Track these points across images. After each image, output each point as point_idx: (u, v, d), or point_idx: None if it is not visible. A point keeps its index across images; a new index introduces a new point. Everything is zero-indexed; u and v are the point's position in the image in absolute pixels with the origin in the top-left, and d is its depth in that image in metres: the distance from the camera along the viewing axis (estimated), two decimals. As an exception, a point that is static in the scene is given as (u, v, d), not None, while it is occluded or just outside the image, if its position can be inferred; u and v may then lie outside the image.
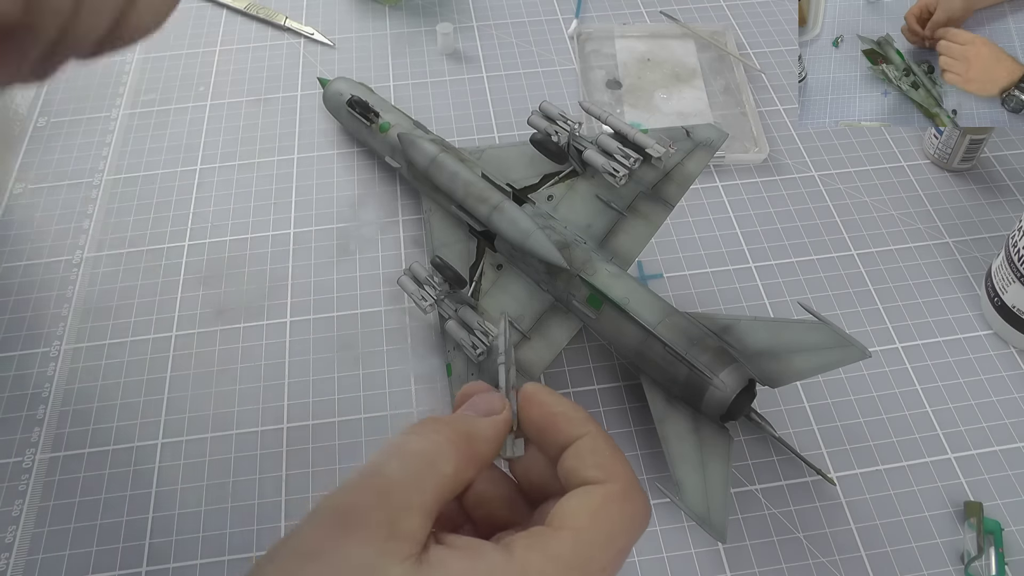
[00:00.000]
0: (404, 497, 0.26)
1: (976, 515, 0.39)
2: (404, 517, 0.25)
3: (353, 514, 0.25)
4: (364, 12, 0.67)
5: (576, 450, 0.29)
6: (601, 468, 0.29)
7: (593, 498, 0.28)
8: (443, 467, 0.27)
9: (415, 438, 0.28)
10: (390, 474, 0.26)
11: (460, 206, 0.46)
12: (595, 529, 0.27)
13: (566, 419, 0.30)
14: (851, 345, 0.36)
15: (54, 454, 0.42)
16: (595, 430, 0.30)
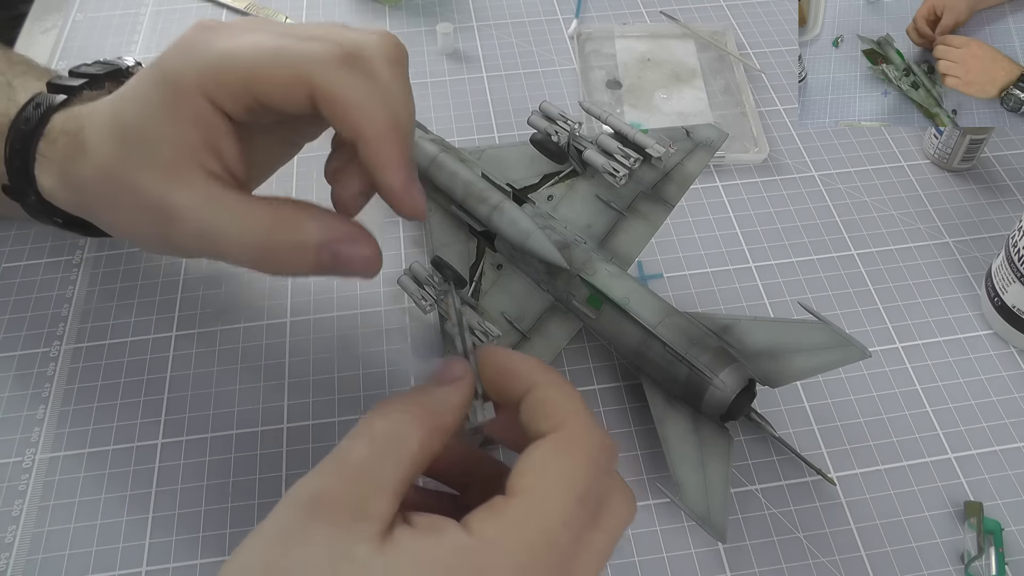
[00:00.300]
0: (370, 479, 0.26)
1: (976, 515, 0.39)
2: (371, 498, 0.26)
3: (321, 498, 0.26)
4: (364, 12, 0.67)
5: (527, 405, 0.29)
6: (547, 417, 0.28)
7: (539, 453, 0.27)
8: (409, 444, 0.27)
9: (379, 419, 0.28)
10: (356, 457, 0.27)
11: (460, 206, 0.46)
12: (545, 487, 0.26)
13: (516, 375, 0.30)
14: (851, 345, 0.36)
15: (54, 454, 0.42)
16: (544, 380, 0.29)
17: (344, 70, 0.31)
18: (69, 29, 0.67)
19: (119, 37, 0.66)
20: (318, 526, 0.25)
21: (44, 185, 0.38)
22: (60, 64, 0.63)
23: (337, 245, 0.33)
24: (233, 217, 0.33)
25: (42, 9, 0.69)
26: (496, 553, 0.25)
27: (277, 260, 0.33)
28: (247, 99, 0.32)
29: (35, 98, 0.39)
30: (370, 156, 0.31)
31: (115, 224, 0.37)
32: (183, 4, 0.69)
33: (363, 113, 0.31)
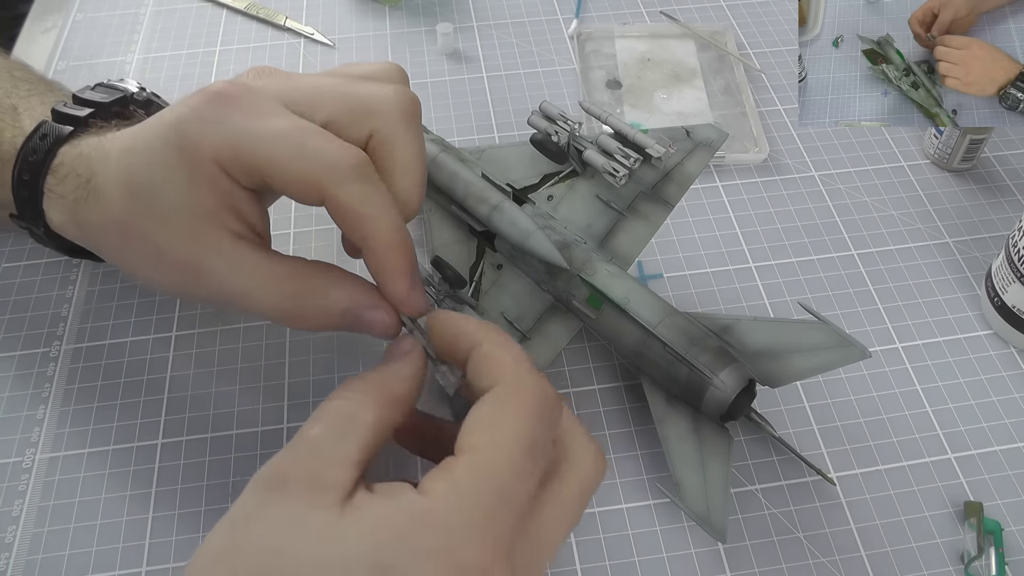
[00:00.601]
0: (325, 454, 0.27)
1: (976, 515, 0.39)
2: (327, 470, 0.26)
3: (278, 476, 0.27)
4: (364, 12, 0.67)
5: (471, 365, 0.30)
6: (489, 373, 0.29)
7: (483, 409, 0.28)
8: (363, 418, 0.28)
9: (335, 400, 0.29)
10: (311, 437, 0.28)
11: (460, 206, 0.46)
12: (490, 441, 0.27)
13: (462, 336, 0.31)
14: (851, 345, 0.36)
15: (54, 454, 0.42)
16: (485, 338, 0.30)
17: (357, 184, 0.32)
18: (69, 29, 0.67)
19: (119, 37, 0.66)
20: (275, 501, 0.26)
21: (53, 219, 0.38)
22: (60, 64, 0.63)
23: (360, 311, 0.34)
24: (259, 281, 0.34)
25: (42, 9, 0.69)
26: (449, 511, 0.25)
27: (303, 322, 0.34)
28: (260, 182, 0.33)
29: (41, 127, 0.39)
30: (375, 264, 0.33)
31: (132, 269, 0.38)
32: (183, 4, 0.69)
33: (372, 224, 0.32)
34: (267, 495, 0.27)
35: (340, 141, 0.32)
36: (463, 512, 0.25)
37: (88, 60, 0.64)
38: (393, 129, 0.34)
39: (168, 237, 0.34)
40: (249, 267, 0.33)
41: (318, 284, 0.34)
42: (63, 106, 0.41)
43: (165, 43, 0.65)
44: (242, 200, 0.33)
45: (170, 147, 0.33)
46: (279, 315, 0.34)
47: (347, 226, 0.32)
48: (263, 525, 0.26)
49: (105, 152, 0.37)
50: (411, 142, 0.34)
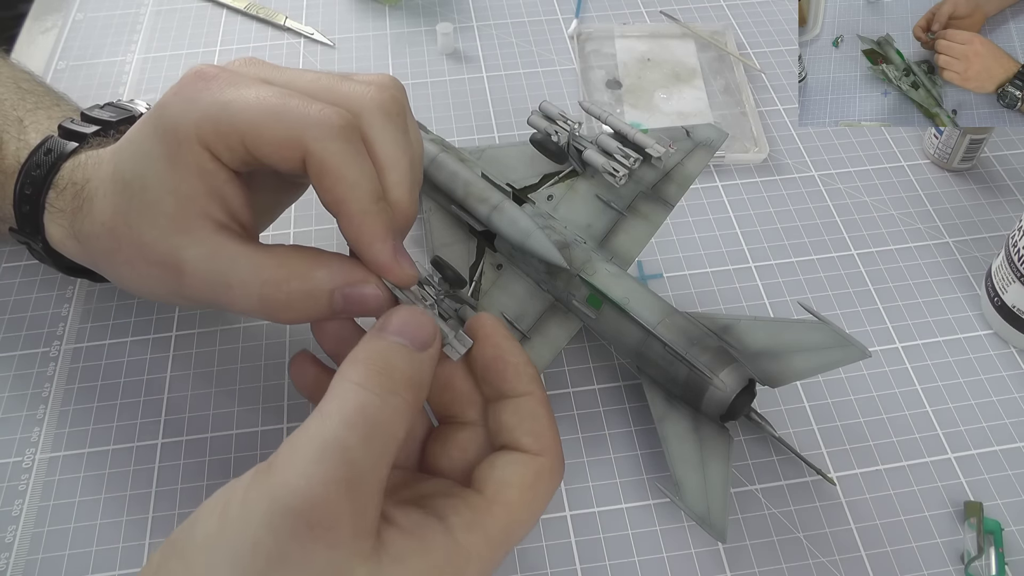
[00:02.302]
0: (369, 486, 0.25)
1: (976, 515, 0.39)
2: (368, 509, 0.25)
3: (322, 513, 0.23)
4: (364, 12, 0.67)
5: (516, 408, 0.30)
6: (536, 437, 0.29)
7: (527, 472, 0.29)
8: (399, 433, 0.27)
9: (375, 403, 0.26)
10: (356, 458, 0.25)
11: (460, 206, 0.46)
12: (525, 504, 0.28)
13: (516, 371, 0.30)
14: (851, 345, 0.36)
15: (54, 454, 0.42)
16: (539, 393, 0.30)
17: (339, 142, 0.31)
18: (69, 29, 0.67)
19: (119, 37, 0.66)
20: (318, 548, 0.23)
21: (52, 235, 0.38)
22: (60, 64, 0.63)
23: (348, 289, 0.32)
24: (239, 269, 0.32)
25: (42, 9, 0.69)
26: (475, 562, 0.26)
27: (289, 309, 0.33)
28: (243, 153, 0.32)
29: (46, 143, 0.39)
30: (353, 230, 0.31)
31: (124, 280, 0.37)
32: (183, 4, 0.69)
33: (348, 187, 0.31)
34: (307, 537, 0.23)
35: (323, 103, 0.31)
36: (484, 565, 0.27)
37: (88, 60, 0.64)
38: (373, 127, 0.32)
39: (151, 229, 0.33)
40: (229, 257, 0.32)
41: (299, 267, 0.32)
42: (70, 122, 0.41)
43: (165, 43, 0.65)
44: (225, 183, 0.33)
45: (154, 135, 0.33)
46: (263, 306, 0.33)
47: (324, 188, 0.31)
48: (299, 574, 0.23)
49: (100, 158, 0.37)
50: (391, 139, 0.33)
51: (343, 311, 0.33)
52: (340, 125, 0.31)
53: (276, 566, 0.23)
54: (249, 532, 0.23)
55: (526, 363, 0.31)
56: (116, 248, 0.35)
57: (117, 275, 0.37)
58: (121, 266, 0.36)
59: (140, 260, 0.34)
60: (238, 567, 0.23)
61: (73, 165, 0.38)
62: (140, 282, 0.36)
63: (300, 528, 0.23)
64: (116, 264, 0.36)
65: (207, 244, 0.32)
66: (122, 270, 0.36)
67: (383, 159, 0.32)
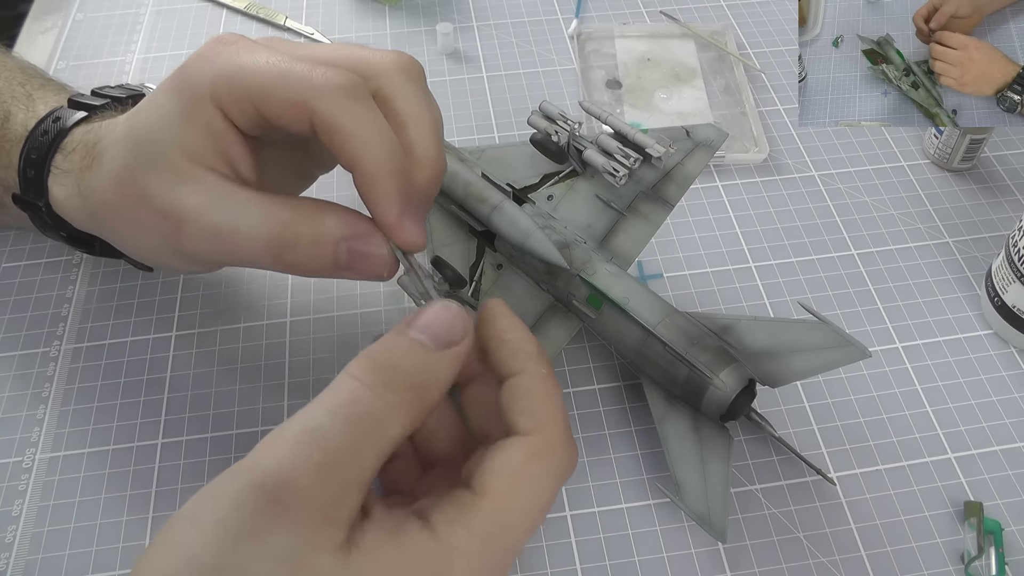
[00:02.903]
0: (345, 473, 0.24)
1: (976, 515, 0.39)
2: (341, 498, 0.24)
3: (291, 492, 0.23)
4: (364, 12, 0.67)
5: (511, 388, 0.28)
6: (529, 415, 0.27)
7: (515, 456, 0.26)
8: (390, 431, 0.25)
9: (367, 396, 0.25)
10: (334, 442, 0.24)
11: (460, 206, 0.46)
12: (517, 494, 0.25)
13: (510, 349, 0.28)
14: (851, 345, 0.36)
15: (54, 454, 0.42)
16: (533, 369, 0.28)
17: (345, 99, 0.30)
18: (69, 29, 0.67)
19: (119, 37, 0.66)
20: (282, 523, 0.23)
21: (56, 196, 0.38)
22: (60, 64, 0.63)
23: (355, 242, 0.32)
24: (248, 212, 0.32)
25: (42, 9, 0.69)
26: (458, 559, 0.24)
27: (296, 254, 0.32)
28: (254, 114, 0.32)
29: (56, 111, 0.40)
30: (364, 188, 0.31)
31: (124, 236, 0.37)
32: (183, 4, 0.69)
33: (359, 144, 0.30)
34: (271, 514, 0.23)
35: (331, 66, 0.31)
36: (473, 564, 0.24)
37: (88, 60, 0.64)
38: (394, 85, 0.33)
39: (156, 179, 0.33)
40: (238, 201, 0.32)
41: (312, 211, 0.32)
42: (80, 96, 0.41)
43: (165, 43, 0.65)
44: (233, 144, 0.33)
45: (172, 92, 0.34)
46: (269, 249, 0.32)
47: (336, 148, 0.31)
48: (264, 555, 0.22)
49: (114, 122, 0.37)
50: (415, 96, 0.33)
51: (347, 266, 0.32)
52: (343, 84, 0.31)
53: (239, 541, 0.22)
54: (217, 508, 0.23)
55: (523, 340, 0.29)
56: (119, 201, 0.35)
57: (116, 232, 0.37)
58: (122, 221, 0.36)
59: (143, 210, 0.34)
60: (203, 541, 0.23)
61: (85, 130, 0.38)
62: (139, 239, 0.36)
63: (265, 504, 0.23)
64: (117, 219, 0.36)
65: (210, 190, 0.33)
66: (122, 226, 0.36)
67: (407, 114, 0.33)
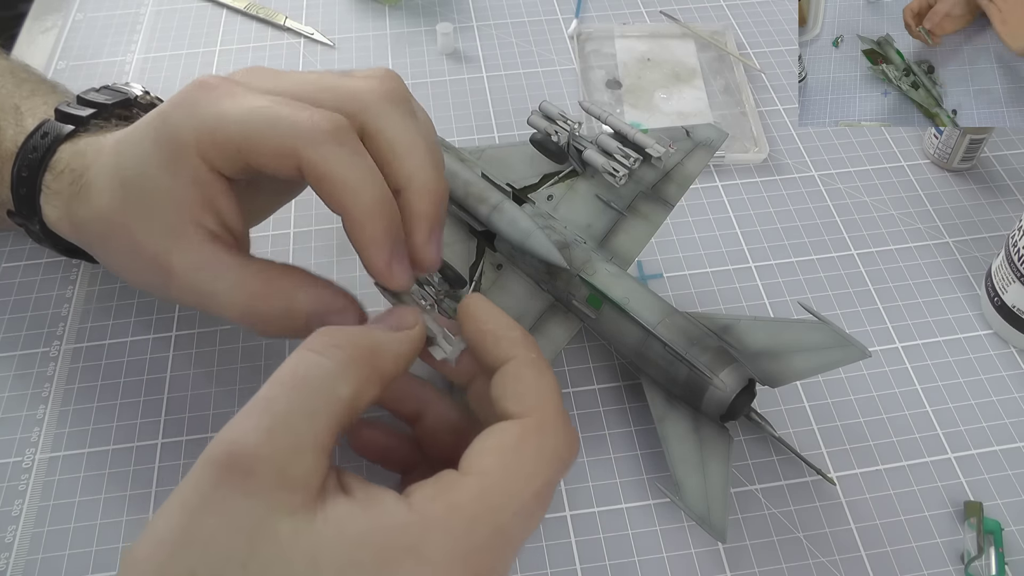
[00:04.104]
0: (294, 435, 0.24)
1: (976, 515, 0.39)
2: (295, 459, 0.23)
3: (238, 458, 0.23)
4: (364, 12, 0.67)
5: (500, 376, 0.27)
6: (519, 399, 0.26)
7: (505, 437, 0.25)
8: (339, 390, 0.25)
9: (308, 356, 0.25)
10: (278, 408, 0.24)
11: (460, 206, 0.46)
12: (505, 473, 0.25)
13: (494, 338, 0.28)
14: (851, 345, 0.36)
15: (54, 454, 0.42)
16: (522, 354, 0.27)
17: (332, 145, 0.30)
18: (69, 29, 0.67)
19: (119, 37, 0.66)
20: (234, 493, 0.22)
21: (49, 216, 0.39)
22: (60, 64, 0.63)
23: (326, 316, 0.33)
24: (226, 283, 0.33)
25: (42, 9, 0.69)
26: (435, 533, 0.23)
27: (268, 324, 0.34)
28: (240, 162, 0.32)
29: (43, 126, 0.40)
30: (353, 233, 0.31)
31: (115, 267, 0.38)
32: (183, 4, 0.69)
33: (347, 191, 0.30)
34: (226, 483, 0.23)
35: (315, 108, 0.31)
36: (452, 538, 0.23)
37: (88, 60, 0.64)
38: (381, 118, 0.32)
39: (146, 231, 0.34)
40: (218, 268, 0.33)
41: (285, 286, 0.33)
42: (66, 106, 0.41)
43: (165, 43, 0.65)
44: (220, 194, 0.33)
45: (156, 141, 0.33)
46: (245, 317, 0.34)
47: (325, 195, 0.31)
48: (223, 525, 0.22)
49: (100, 147, 0.37)
50: (404, 125, 0.33)
51: None
52: (330, 130, 0.30)
53: (199, 514, 0.23)
54: (181, 490, 0.23)
55: (505, 327, 0.28)
56: (109, 236, 0.36)
57: (110, 262, 0.38)
58: (114, 254, 0.37)
59: (131, 254, 0.35)
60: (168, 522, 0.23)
61: (72, 151, 0.38)
62: (131, 274, 0.37)
63: (220, 475, 0.23)
64: (109, 251, 0.37)
65: (198, 253, 0.33)
66: (114, 258, 0.37)
67: (399, 146, 0.32)
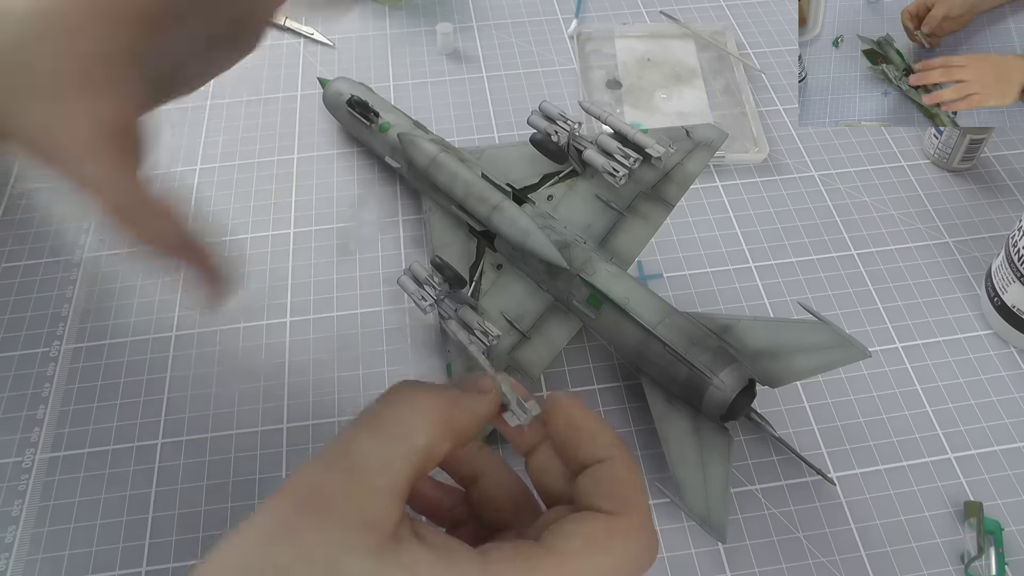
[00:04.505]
0: (373, 477, 0.24)
1: (976, 515, 0.39)
2: (373, 501, 0.24)
3: (318, 493, 0.24)
4: (364, 12, 0.67)
5: (594, 473, 0.28)
6: (615, 500, 0.27)
7: (595, 525, 0.26)
8: (417, 440, 0.26)
9: (390, 405, 0.26)
10: (359, 450, 0.25)
11: (460, 206, 0.46)
12: (587, 558, 0.25)
13: (590, 437, 0.28)
14: (851, 345, 0.36)
15: (54, 454, 0.42)
16: (619, 456, 0.28)
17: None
18: (69, 29, 0.67)
19: (119, 37, 0.66)
20: (313, 525, 0.23)
21: None
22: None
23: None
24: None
25: (42, 9, 0.69)
26: None
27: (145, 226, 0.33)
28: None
29: None
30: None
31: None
32: (183, 4, 0.68)
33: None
34: (301, 513, 0.23)
35: None
36: None
37: (88, 60, 0.64)
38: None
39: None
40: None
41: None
42: None
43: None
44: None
45: None
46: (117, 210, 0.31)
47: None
48: (299, 556, 0.23)
49: None
50: None
51: None
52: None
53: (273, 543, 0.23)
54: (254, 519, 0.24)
55: (601, 429, 0.29)
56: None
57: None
58: None
59: None
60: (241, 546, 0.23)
61: None
62: None
63: (299, 509, 0.24)
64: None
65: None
66: None
67: None
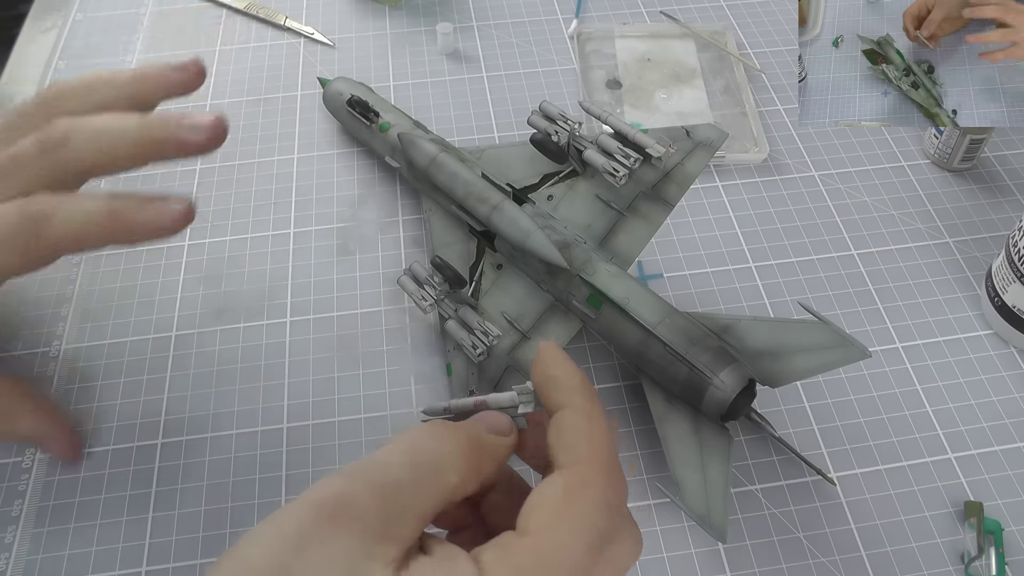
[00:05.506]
0: (404, 500, 0.25)
1: (976, 515, 0.39)
2: (399, 520, 0.25)
3: (349, 506, 0.24)
4: (364, 12, 0.67)
5: (554, 424, 0.28)
6: (568, 450, 0.27)
7: (554, 491, 0.26)
8: (449, 476, 0.26)
9: (428, 439, 0.27)
10: (394, 473, 0.25)
11: (460, 206, 0.46)
12: (556, 528, 0.25)
13: (555, 385, 0.28)
14: (851, 345, 0.36)
15: (54, 454, 0.42)
16: (576, 402, 0.28)
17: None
18: (69, 29, 0.67)
19: (119, 37, 0.66)
20: (339, 532, 0.24)
21: None
22: (60, 64, 0.63)
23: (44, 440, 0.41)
24: None
25: (42, 9, 0.69)
26: None
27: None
28: None
29: None
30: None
31: None
32: (183, 4, 0.69)
33: None
34: (327, 520, 0.24)
35: None
36: None
37: (88, 60, 0.64)
38: None
39: None
40: None
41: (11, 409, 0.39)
42: None
43: (165, 43, 0.65)
44: None
45: None
46: None
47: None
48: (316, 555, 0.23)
49: None
50: None
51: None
52: None
53: (297, 548, 0.23)
54: (277, 522, 0.24)
55: (568, 374, 0.28)
56: None
57: None
58: None
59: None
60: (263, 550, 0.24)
61: None
62: None
63: (325, 517, 0.24)
64: None
65: None
66: None
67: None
